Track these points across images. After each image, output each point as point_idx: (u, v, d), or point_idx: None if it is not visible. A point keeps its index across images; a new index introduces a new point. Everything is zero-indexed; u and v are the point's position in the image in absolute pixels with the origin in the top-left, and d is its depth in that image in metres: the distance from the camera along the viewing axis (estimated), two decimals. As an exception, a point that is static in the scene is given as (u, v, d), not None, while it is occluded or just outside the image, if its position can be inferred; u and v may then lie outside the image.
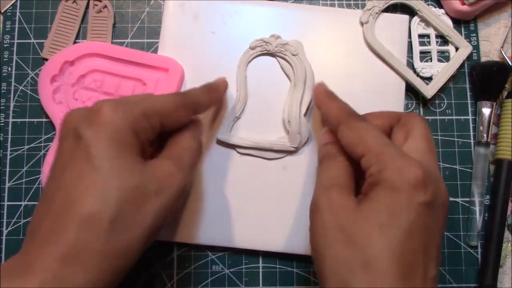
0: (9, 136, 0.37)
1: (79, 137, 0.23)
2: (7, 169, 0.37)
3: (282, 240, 0.35)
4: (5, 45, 0.39)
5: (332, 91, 0.31)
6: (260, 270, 0.36)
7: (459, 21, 0.39)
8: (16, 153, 0.37)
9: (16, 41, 0.39)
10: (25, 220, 0.36)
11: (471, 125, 0.38)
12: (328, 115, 0.29)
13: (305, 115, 0.35)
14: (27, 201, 0.37)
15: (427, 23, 0.38)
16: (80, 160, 0.23)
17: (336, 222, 0.24)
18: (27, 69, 0.38)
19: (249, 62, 0.37)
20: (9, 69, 0.38)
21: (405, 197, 0.23)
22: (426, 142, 0.27)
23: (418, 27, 0.38)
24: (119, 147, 0.23)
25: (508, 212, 0.37)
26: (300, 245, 0.34)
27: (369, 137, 0.25)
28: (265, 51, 0.36)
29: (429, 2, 0.39)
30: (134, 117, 0.25)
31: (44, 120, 0.37)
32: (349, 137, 0.26)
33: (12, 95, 0.38)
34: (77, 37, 0.39)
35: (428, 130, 0.27)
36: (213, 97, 0.32)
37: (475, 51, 0.39)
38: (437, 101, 0.38)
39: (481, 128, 0.37)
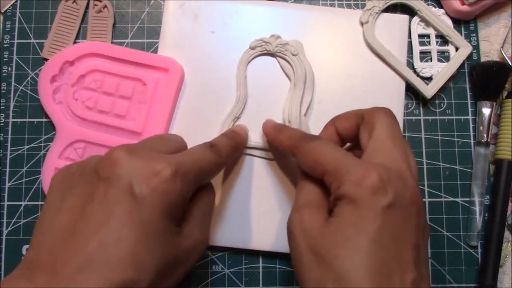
0: (9, 136, 0.37)
1: (132, 193, 0.22)
2: (7, 169, 0.37)
3: (282, 240, 0.35)
4: (5, 45, 0.39)
5: (279, 124, 0.32)
6: (260, 270, 0.36)
7: (459, 21, 0.39)
8: (16, 153, 0.37)
9: (16, 41, 0.39)
10: (25, 220, 0.36)
11: (471, 125, 0.38)
12: (282, 147, 0.30)
13: (305, 115, 0.35)
14: (27, 201, 0.37)
15: (427, 23, 0.38)
16: (123, 217, 0.21)
17: (307, 244, 0.23)
18: (27, 69, 0.38)
19: (249, 62, 0.37)
20: (9, 69, 0.38)
21: (366, 206, 0.22)
22: (389, 137, 0.26)
23: (418, 27, 0.38)
24: (169, 218, 0.23)
25: (508, 212, 0.37)
26: (300, 245, 0.34)
27: (322, 156, 0.25)
28: (265, 51, 0.36)
29: (429, 2, 0.39)
30: (189, 189, 0.24)
31: (44, 120, 0.37)
32: (305, 161, 0.26)
33: (12, 95, 0.38)
34: (77, 37, 0.39)
35: (392, 123, 0.26)
36: (239, 147, 0.33)
37: (475, 51, 0.39)
38: (437, 101, 0.38)
39: (481, 128, 0.37)
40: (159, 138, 0.27)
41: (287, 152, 0.29)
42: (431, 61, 0.38)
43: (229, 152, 0.29)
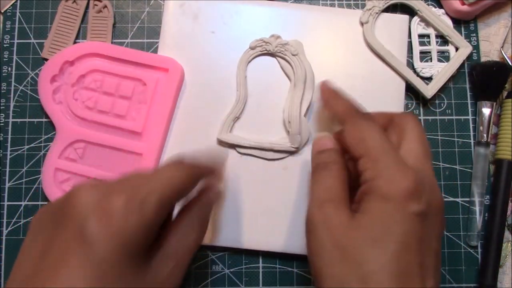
0: (9, 136, 0.37)
1: (84, 236, 0.20)
2: (7, 169, 0.37)
3: (282, 240, 0.35)
4: (5, 45, 0.39)
5: (337, 89, 0.30)
6: (260, 270, 0.36)
7: (459, 21, 0.39)
8: (16, 153, 0.37)
9: (16, 41, 0.39)
10: (25, 220, 0.36)
11: (471, 125, 0.38)
12: (334, 111, 0.28)
13: (305, 115, 0.35)
14: (27, 201, 0.37)
15: (427, 23, 0.38)
16: (75, 263, 0.20)
17: (331, 240, 0.23)
18: (27, 69, 0.38)
19: (249, 62, 0.37)
20: (9, 69, 0.38)
21: (398, 208, 0.22)
22: (422, 145, 0.26)
23: (418, 27, 0.38)
24: (128, 258, 0.21)
25: (508, 212, 0.37)
26: (300, 245, 0.34)
27: (371, 139, 0.25)
28: (265, 51, 0.36)
29: (429, 2, 0.39)
30: (149, 218, 0.22)
31: (44, 120, 0.37)
32: (351, 135, 0.26)
33: (12, 95, 0.38)
34: (77, 37, 0.39)
35: (423, 132, 0.27)
36: (215, 167, 0.30)
37: (475, 51, 0.39)
38: (437, 101, 0.38)
39: (481, 128, 0.37)
40: (141, 176, 0.24)
41: (338, 117, 0.28)
42: (431, 61, 0.38)
43: (202, 164, 0.27)
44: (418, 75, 0.38)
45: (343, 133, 0.27)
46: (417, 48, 0.38)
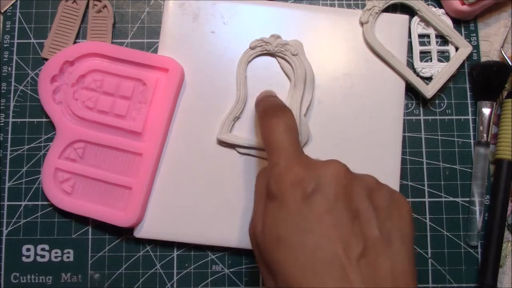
0: (9, 136, 0.37)
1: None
2: (7, 169, 0.37)
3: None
4: (5, 45, 0.39)
5: (266, 92, 0.33)
6: (260, 270, 0.36)
7: (459, 21, 0.39)
8: (16, 153, 0.37)
9: (16, 41, 0.39)
10: (25, 220, 0.36)
11: (471, 125, 0.38)
12: (258, 113, 0.30)
13: (305, 115, 0.35)
14: (27, 201, 0.37)
15: (427, 23, 0.38)
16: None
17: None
18: (27, 69, 0.38)
19: (249, 62, 0.37)
20: (9, 69, 0.38)
21: (288, 207, 0.22)
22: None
23: (418, 27, 0.38)
24: None
25: (508, 212, 0.37)
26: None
27: (272, 135, 0.26)
28: (265, 51, 0.36)
29: (429, 2, 0.39)
30: None
31: (44, 120, 0.37)
32: (262, 131, 0.27)
33: (12, 95, 0.38)
34: (77, 37, 0.39)
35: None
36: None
37: (475, 51, 0.39)
38: (437, 101, 0.38)
39: (481, 128, 0.37)
40: None
41: (257, 117, 0.29)
42: (431, 61, 0.38)
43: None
44: (418, 75, 0.38)
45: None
46: (417, 48, 0.38)
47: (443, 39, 0.39)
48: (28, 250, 0.36)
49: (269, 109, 0.28)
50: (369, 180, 0.25)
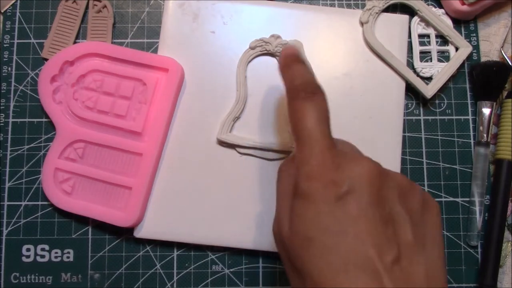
0: (9, 136, 0.37)
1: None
2: (7, 169, 0.37)
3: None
4: (5, 45, 0.39)
5: (293, 55, 0.27)
6: (260, 270, 0.36)
7: (459, 21, 0.39)
8: (16, 153, 0.37)
9: (16, 41, 0.39)
10: (25, 220, 0.36)
11: (471, 125, 0.38)
12: (285, 86, 0.27)
13: (305, 115, 0.35)
14: (27, 201, 0.37)
15: (427, 23, 0.38)
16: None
17: None
18: (27, 69, 0.38)
19: (249, 62, 0.37)
20: (9, 69, 0.38)
21: (319, 207, 0.21)
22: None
23: (418, 27, 0.38)
24: None
25: (508, 212, 0.37)
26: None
27: (304, 123, 0.23)
28: (265, 51, 0.36)
29: (429, 2, 0.39)
30: None
31: (44, 120, 0.37)
32: (291, 115, 0.24)
33: (12, 95, 0.38)
34: (77, 37, 0.39)
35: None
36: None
37: (475, 51, 0.39)
38: (437, 101, 0.38)
39: (481, 128, 0.37)
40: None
41: (286, 92, 0.26)
42: (431, 61, 0.38)
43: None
44: (418, 75, 0.38)
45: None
46: (417, 48, 0.38)
47: (443, 39, 0.39)
48: (28, 250, 0.36)
49: (301, 89, 0.24)
50: (402, 180, 0.24)
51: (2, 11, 0.39)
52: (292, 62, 0.27)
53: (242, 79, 0.36)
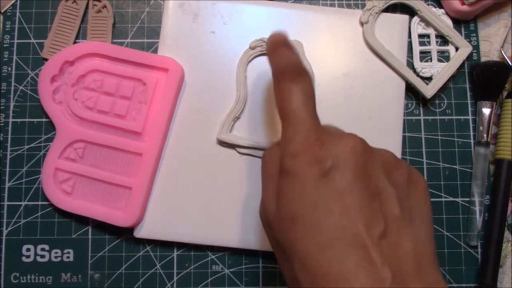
0: (9, 136, 0.37)
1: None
2: (7, 169, 0.37)
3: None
4: (5, 45, 0.39)
5: (280, 40, 0.27)
6: (260, 270, 0.36)
7: (459, 21, 0.39)
8: (16, 153, 0.37)
9: (16, 41, 0.39)
10: (25, 220, 0.36)
11: (471, 125, 0.38)
12: (271, 68, 0.27)
13: (305, 115, 0.35)
14: (27, 201, 0.37)
15: (427, 23, 0.38)
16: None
17: None
18: (27, 69, 0.38)
19: (249, 62, 0.37)
20: (9, 69, 0.38)
21: (304, 184, 0.21)
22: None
23: (418, 27, 0.38)
24: None
25: (508, 212, 0.37)
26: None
27: (289, 104, 0.24)
28: (265, 51, 0.36)
29: (429, 2, 0.39)
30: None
31: (44, 120, 0.38)
32: (277, 96, 0.25)
33: (12, 95, 0.38)
34: (77, 37, 0.39)
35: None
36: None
37: (475, 51, 0.39)
38: (437, 101, 0.38)
39: (481, 128, 0.37)
40: None
41: (272, 74, 0.26)
42: (431, 61, 0.38)
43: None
44: (418, 75, 0.38)
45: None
46: (417, 48, 0.38)
47: (443, 39, 0.39)
48: (28, 250, 0.36)
49: (287, 71, 0.25)
50: (387, 155, 0.24)
51: (2, 11, 0.39)
52: (279, 47, 0.27)
53: (242, 79, 0.36)
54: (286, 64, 0.25)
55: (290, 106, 0.23)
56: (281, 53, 0.26)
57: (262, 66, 0.37)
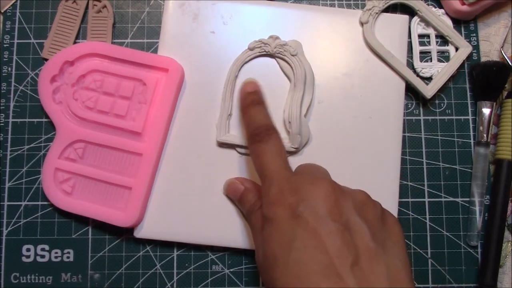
0: (9, 136, 0.37)
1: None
2: (7, 169, 0.37)
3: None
4: (5, 45, 0.39)
5: (250, 96, 0.32)
6: (260, 270, 0.36)
7: (459, 21, 0.39)
8: (16, 153, 0.37)
9: (16, 41, 0.39)
10: (25, 220, 0.36)
11: (471, 125, 0.38)
12: (244, 128, 0.31)
13: (305, 115, 0.35)
14: (27, 201, 0.37)
15: (427, 23, 0.38)
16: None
17: None
18: (27, 69, 0.38)
19: (247, 62, 0.37)
20: (9, 69, 0.38)
21: (282, 226, 0.25)
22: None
23: (418, 27, 0.38)
24: None
25: (508, 212, 0.37)
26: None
27: (264, 165, 0.27)
28: (264, 52, 0.36)
29: (429, 2, 0.39)
30: None
31: (44, 120, 0.38)
32: (252, 157, 0.29)
33: (12, 95, 0.38)
34: (77, 37, 0.39)
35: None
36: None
37: (475, 51, 0.39)
38: (437, 101, 0.38)
39: (481, 128, 0.37)
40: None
41: (246, 135, 0.31)
42: (431, 61, 0.38)
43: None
44: (418, 75, 0.38)
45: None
46: (417, 48, 0.38)
47: (443, 39, 0.39)
48: (28, 250, 0.36)
49: (256, 133, 0.29)
50: (359, 195, 0.26)
51: (2, 11, 0.39)
52: (249, 106, 0.31)
53: (232, 77, 0.36)
54: (255, 127, 0.29)
55: (263, 164, 0.27)
56: (250, 115, 0.31)
57: (261, 67, 0.37)
